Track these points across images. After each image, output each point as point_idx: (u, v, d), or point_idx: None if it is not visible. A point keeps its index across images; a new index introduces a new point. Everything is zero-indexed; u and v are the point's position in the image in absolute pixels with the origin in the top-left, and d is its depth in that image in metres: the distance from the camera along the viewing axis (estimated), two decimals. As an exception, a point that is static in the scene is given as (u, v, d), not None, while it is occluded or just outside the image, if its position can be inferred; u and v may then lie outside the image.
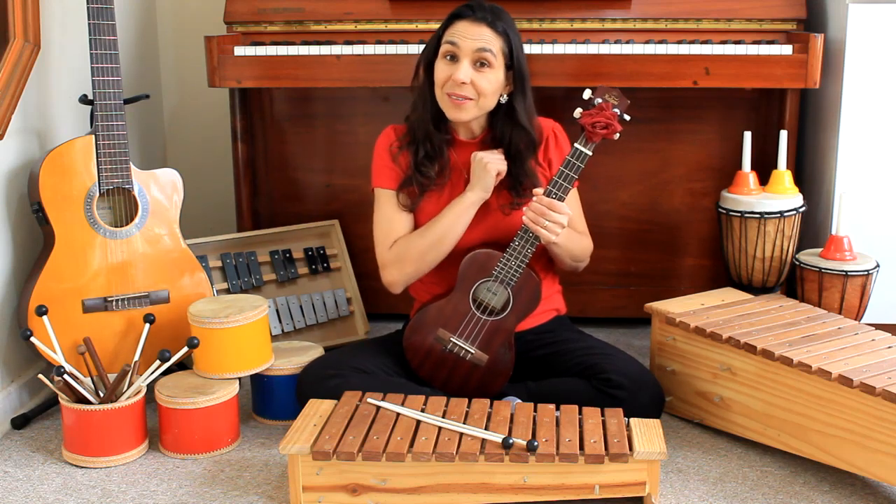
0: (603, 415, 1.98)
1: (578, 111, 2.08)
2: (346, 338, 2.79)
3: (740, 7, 2.70)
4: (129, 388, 2.15)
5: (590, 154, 2.08)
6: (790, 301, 2.39)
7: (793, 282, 2.54)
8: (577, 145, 2.08)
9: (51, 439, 2.25)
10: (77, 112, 2.52)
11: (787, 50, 2.53)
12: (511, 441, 1.84)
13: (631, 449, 1.85)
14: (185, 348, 2.18)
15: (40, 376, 2.19)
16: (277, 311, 2.74)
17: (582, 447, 1.86)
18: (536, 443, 1.84)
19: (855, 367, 1.95)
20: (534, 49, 2.53)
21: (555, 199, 2.08)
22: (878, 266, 2.44)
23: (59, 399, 2.11)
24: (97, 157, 2.30)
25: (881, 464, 1.88)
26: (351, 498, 1.87)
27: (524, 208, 2.11)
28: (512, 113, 2.20)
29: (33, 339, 2.18)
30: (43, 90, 2.48)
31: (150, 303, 2.37)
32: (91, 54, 2.25)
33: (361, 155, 2.86)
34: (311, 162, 2.93)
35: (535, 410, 1.99)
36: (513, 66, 2.17)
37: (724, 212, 2.59)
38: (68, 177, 2.28)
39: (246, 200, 2.86)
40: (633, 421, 1.95)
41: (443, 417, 1.96)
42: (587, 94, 2.09)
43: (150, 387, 2.27)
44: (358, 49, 2.60)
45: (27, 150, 2.43)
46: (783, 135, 2.59)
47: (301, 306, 2.78)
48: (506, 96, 2.20)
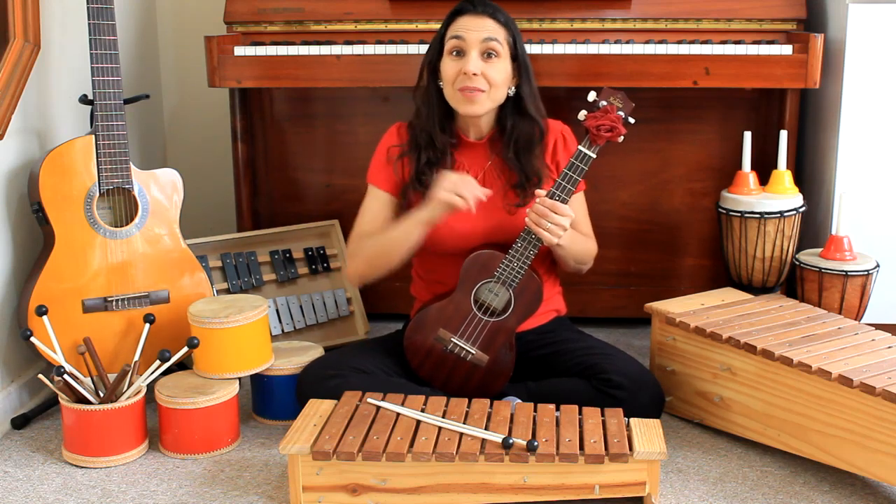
0: (603, 415, 1.98)
1: (583, 113, 2.08)
2: (346, 338, 2.79)
3: (740, 7, 2.70)
4: (129, 388, 2.15)
5: (593, 157, 2.07)
6: (790, 301, 2.39)
7: (793, 282, 2.54)
8: (580, 147, 2.08)
9: (51, 439, 2.24)
10: (77, 112, 2.52)
11: (787, 50, 2.53)
12: (511, 441, 1.84)
13: (631, 449, 1.85)
14: (185, 348, 2.18)
15: (40, 376, 2.19)
16: (277, 311, 2.74)
17: (582, 447, 1.86)
18: (536, 443, 1.83)
19: (855, 367, 1.95)
20: (534, 49, 2.53)
21: (558, 200, 2.07)
22: (878, 266, 2.44)
23: (59, 399, 2.11)
24: (97, 157, 2.30)
25: (881, 464, 1.88)
26: (351, 498, 1.87)
27: (527, 210, 2.10)
28: (519, 104, 2.21)
29: (33, 339, 2.18)
30: (43, 90, 2.48)
31: (150, 303, 2.37)
32: (91, 54, 2.25)
33: (361, 155, 2.85)
34: (311, 162, 2.93)
35: (535, 410, 1.99)
36: (517, 57, 2.19)
37: (724, 212, 2.59)
38: (68, 177, 2.28)
39: (246, 200, 2.86)
40: (633, 421, 1.95)
41: (443, 417, 1.95)
42: (591, 96, 2.08)
43: (150, 387, 2.26)
44: (358, 49, 2.60)
45: (27, 150, 2.43)
46: (783, 135, 2.59)
47: (301, 306, 2.78)
48: (513, 89, 2.21)
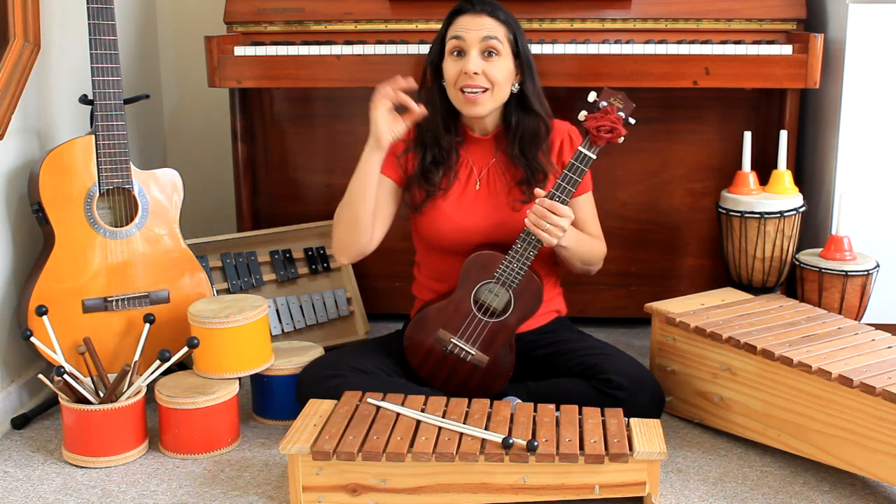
0: (603, 415, 1.98)
1: (583, 114, 2.07)
2: (346, 338, 2.79)
3: (740, 7, 2.70)
4: (129, 388, 2.15)
5: (594, 157, 2.07)
6: (790, 301, 2.39)
7: (793, 282, 2.54)
8: (580, 148, 2.07)
9: (51, 439, 2.24)
10: (77, 112, 2.52)
11: (787, 50, 2.53)
12: (511, 441, 1.84)
13: (631, 449, 1.85)
14: (185, 348, 2.18)
15: (40, 376, 2.19)
16: (277, 311, 2.74)
17: (582, 447, 1.86)
18: (536, 443, 1.83)
19: (855, 367, 1.95)
20: (534, 49, 2.51)
21: (557, 201, 2.07)
22: (878, 266, 2.44)
23: (59, 399, 2.11)
24: (97, 157, 2.30)
25: (881, 464, 1.88)
26: (351, 498, 1.87)
27: (527, 211, 2.10)
28: (523, 100, 2.21)
29: (33, 339, 2.18)
30: (43, 90, 2.48)
31: (150, 303, 2.37)
32: (91, 54, 2.25)
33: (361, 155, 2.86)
34: (311, 162, 2.93)
35: (535, 410, 1.99)
36: (519, 54, 2.18)
37: (724, 212, 2.59)
38: (68, 177, 2.28)
39: (246, 200, 2.86)
40: (633, 421, 1.95)
41: (443, 417, 1.95)
42: (592, 96, 2.07)
43: (150, 387, 2.26)
44: (358, 49, 2.60)
45: (27, 150, 2.43)
46: (783, 135, 2.59)
47: (301, 306, 2.78)
48: (517, 85, 2.20)
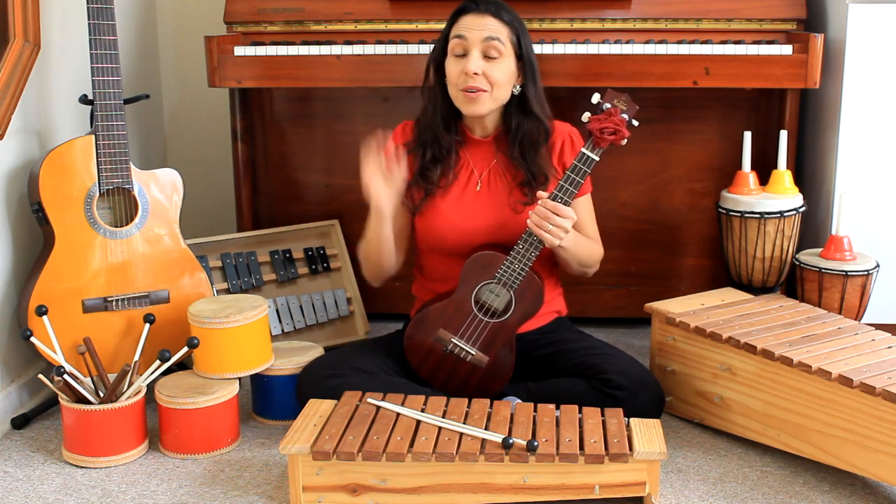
0: (603, 415, 1.98)
1: (587, 115, 2.07)
2: (346, 338, 2.79)
3: (740, 7, 2.70)
4: (129, 388, 2.15)
5: (597, 159, 2.07)
6: (790, 301, 2.39)
7: (793, 282, 2.54)
8: (583, 150, 2.07)
9: (51, 439, 2.24)
10: (77, 112, 2.52)
11: (787, 50, 2.53)
12: (511, 441, 1.84)
13: (631, 449, 1.85)
14: (185, 348, 2.18)
15: (40, 376, 2.19)
16: (277, 311, 2.74)
17: (582, 447, 1.86)
18: (536, 443, 1.83)
19: (855, 367, 1.95)
20: (534, 48, 2.52)
21: (560, 202, 2.07)
22: (878, 266, 2.44)
23: (59, 399, 2.11)
24: (97, 157, 2.30)
25: (881, 464, 1.88)
26: (351, 498, 1.87)
27: (529, 212, 2.10)
28: (524, 103, 2.21)
29: (33, 339, 2.18)
30: (43, 90, 2.48)
31: (150, 303, 2.37)
32: (91, 54, 2.25)
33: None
34: (311, 162, 2.93)
35: (535, 410, 1.99)
36: (522, 56, 2.18)
37: (724, 212, 2.59)
38: (68, 177, 2.28)
39: (246, 200, 2.86)
40: (633, 421, 1.95)
41: (443, 417, 1.95)
42: (595, 98, 2.07)
43: (150, 387, 2.26)
44: (358, 49, 2.60)
45: (27, 150, 2.42)
46: (783, 135, 2.59)
47: (301, 306, 2.78)
48: (518, 87, 2.20)
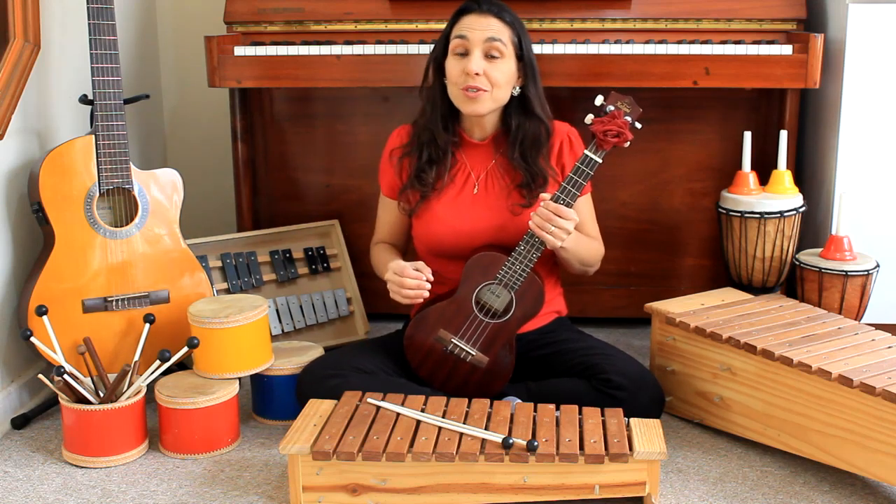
0: (603, 415, 1.98)
1: (590, 117, 2.07)
2: (346, 338, 2.79)
3: (740, 7, 2.70)
4: (129, 388, 2.15)
5: (600, 161, 2.07)
6: (790, 301, 2.39)
7: (793, 282, 2.54)
8: (587, 152, 2.07)
9: (51, 439, 2.24)
10: (77, 112, 2.52)
11: (787, 50, 2.53)
12: (511, 441, 1.84)
13: (631, 449, 1.85)
14: (185, 348, 2.18)
15: (40, 376, 2.19)
16: (277, 311, 2.74)
17: (582, 447, 1.86)
18: (536, 443, 1.83)
19: (855, 367, 1.95)
20: (534, 49, 2.52)
21: (562, 204, 2.07)
22: (878, 266, 2.44)
23: (59, 399, 2.11)
24: (97, 157, 2.30)
25: (881, 464, 1.88)
26: (351, 498, 1.87)
27: (531, 213, 2.10)
28: (525, 104, 2.21)
29: (33, 339, 2.18)
30: (43, 90, 2.48)
31: (150, 303, 2.37)
32: (91, 54, 2.25)
33: (361, 155, 2.86)
34: (311, 162, 2.93)
35: (535, 410, 1.99)
36: (523, 57, 2.18)
37: (724, 212, 2.59)
38: (68, 177, 2.28)
39: (246, 200, 2.86)
40: (633, 421, 1.95)
41: (443, 417, 1.95)
42: (599, 100, 2.07)
43: (150, 387, 2.27)
44: (358, 49, 2.60)
45: (27, 150, 2.42)
46: (783, 135, 2.59)
47: (301, 306, 2.78)
48: (518, 88, 2.20)
